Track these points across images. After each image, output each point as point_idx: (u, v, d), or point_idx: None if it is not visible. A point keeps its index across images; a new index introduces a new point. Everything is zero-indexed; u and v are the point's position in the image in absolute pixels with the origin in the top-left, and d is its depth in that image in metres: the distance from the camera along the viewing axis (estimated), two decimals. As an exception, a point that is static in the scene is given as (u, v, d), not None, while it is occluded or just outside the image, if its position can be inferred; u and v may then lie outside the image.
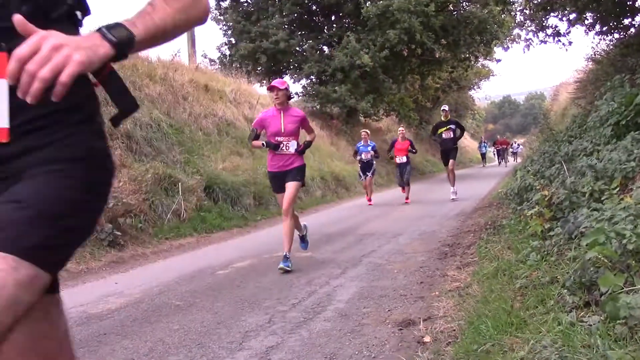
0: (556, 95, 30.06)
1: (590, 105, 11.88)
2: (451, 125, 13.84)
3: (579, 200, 5.02)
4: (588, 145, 7.37)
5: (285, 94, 6.47)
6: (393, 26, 21.47)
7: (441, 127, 13.88)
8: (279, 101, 6.43)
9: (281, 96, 6.42)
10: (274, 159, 6.52)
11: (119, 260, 7.48)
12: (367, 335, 3.82)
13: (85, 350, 3.82)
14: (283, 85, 6.48)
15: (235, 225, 10.38)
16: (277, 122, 6.46)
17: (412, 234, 8.52)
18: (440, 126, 13.95)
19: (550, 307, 3.37)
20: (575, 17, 13.63)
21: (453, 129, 13.79)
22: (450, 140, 13.80)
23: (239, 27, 23.52)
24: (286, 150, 6.45)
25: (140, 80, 12.26)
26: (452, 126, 13.83)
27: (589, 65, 17.81)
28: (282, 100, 6.44)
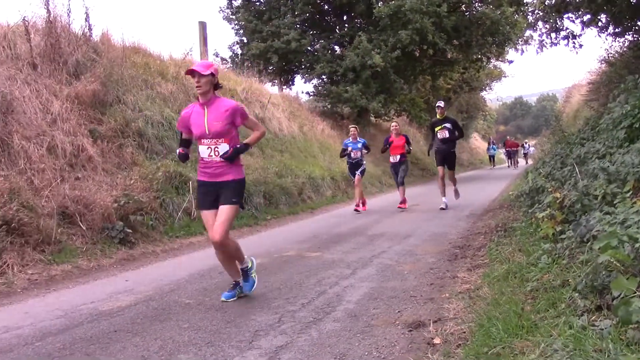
0: (568, 97, 29.88)
1: (603, 108, 11.80)
2: (447, 124, 12.12)
3: (591, 203, 4.99)
4: (601, 147, 7.32)
5: (209, 81, 4.87)
6: (405, 26, 21.41)
7: (437, 125, 12.27)
8: (201, 91, 4.84)
9: (204, 84, 4.84)
10: (202, 163, 5.02)
11: (130, 257, 7.52)
12: (376, 336, 3.81)
13: (96, 347, 3.84)
14: (207, 70, 4.88)
15: (245, 224, 10.40)
16: (200, 120, 4.91)
17: (422, 235, 8.50)
18: (436, 124, 12.32)
19: (561, 310, 3.35)
20: (589, 18, 13.55)
21: (449, 128, 12.11)
22: (447, 142, 12.14)
23: (250, 27, 23.54)
24: (215, 156, 4.91)
25: (152, 79, 12.30)
26: (447, 125, 12.12)
27: (602, 67, 17.70)
28: (204, 90, 4.85)
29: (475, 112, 47.34)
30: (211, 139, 4.86)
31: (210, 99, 4.90)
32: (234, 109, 4.91)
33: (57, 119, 8.73)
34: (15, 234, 6.57)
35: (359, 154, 12.66)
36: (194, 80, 4.90)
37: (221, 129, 4.83)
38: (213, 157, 4.88)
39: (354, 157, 12.69)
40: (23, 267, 6.36)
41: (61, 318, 4.68)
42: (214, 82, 4.95)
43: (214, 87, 4.97)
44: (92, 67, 10.28)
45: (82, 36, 10.72)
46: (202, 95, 4.87)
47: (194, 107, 5.04)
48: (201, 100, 4.91)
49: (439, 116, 12.18)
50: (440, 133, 12.09)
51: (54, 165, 8.07)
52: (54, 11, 9.96)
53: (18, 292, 5.79)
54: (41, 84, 9.09)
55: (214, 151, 4.88)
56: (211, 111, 4.87)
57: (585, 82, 20.79)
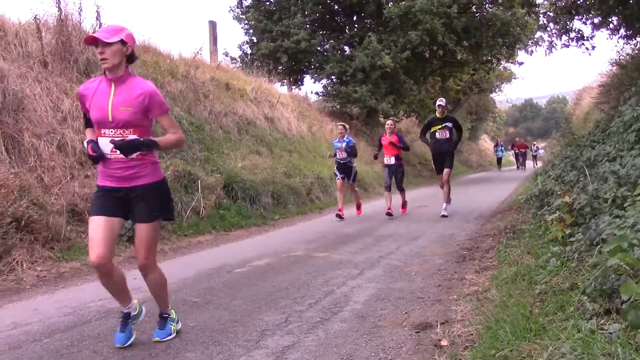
0: (579, 99, 29.78)
1: (613, 110, 11.74)
2: (447, 123, 11.21)
3: (601, 206, 4.96)
4: (611, 150, 7.28)
5: (118, 52, 3.57)
6: (415, 27, 21.38)
7: (435, 124, 11.31)
8: (107, 65, 3.56)
9: (110, 56, 3.55)
10: (104, 164, 3.76)
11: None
12: (383, 337, 3.81)
13: (104, 345, 3.86)
14: (113, 36, 3.55)
15: (254, 223, 10.41)
16: (103, 101, 3.64)
17: (430, 236, 8.48)
18: (434, 123, 11.35)
19: (570, 313, 3.34)
20: (600, 21, 13.49)
21: (450, 127, 11.23)
22: (446, 142, 11.25)
23: (260, 26, 23.58)
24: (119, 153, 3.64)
25: (162, 78, 12.34)
26: (448, 124, 11.22)
27: (613, 70, 17.62)
28: (112, 64, 3.57)
29: (485, 113, 47.20)
30: (115, 129, 3.64)
31: (121, 77, 3.64)
32: (151, 94, 3.66)
33: (67, 117, 8.78)
34: (25, 230, 6.61)
35: (343, 154, 11.42)
36: (97, 52, 3.61)
37: (129, 118, 3.63)
38: (118, 154, 3.65)
39: (340, 158, 11.55)
40: (32, 264, 6.39)
41: (69, 315, 4.70)
42: (126, 53, 3.63)
43: (128, 59, 3.66)
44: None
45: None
46: (110, 71, 3.60)
47: (99, 83, 3.71)
48: (109, 75, 3.64)
49: (438, 115, 11.26)
50: (440, 133, 11.23)
51: (63, 163, 8.11)
52: (66, 9, 10.01)
53: (27, 288, 5.82)
54: (52, 82, 9.13)
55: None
56: (119, 92, 3.63)
57: (596, 84, 20.71)
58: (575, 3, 13.11)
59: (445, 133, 11.20)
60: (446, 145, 11.26)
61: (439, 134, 11.24)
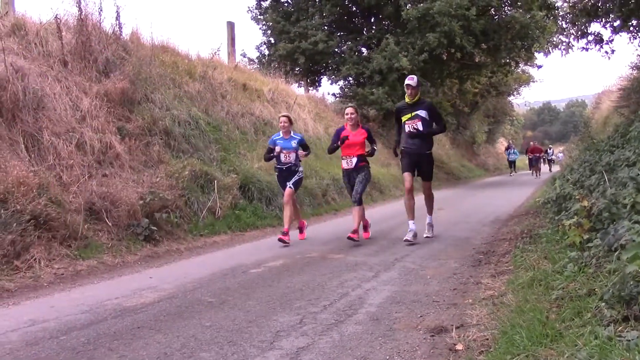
0: (598, 103, 29.49)
1: (633, 115, 11.63)
2: (420, 111, 8.12)
3: (620, 212, 4.90)
4: (631, 155, 7.19)
5: None
6: (433, 29, 21.30)
7: (404, 112, 8.27)
8: None
9: None
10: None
11: (154, 255, 7.59)
12: (398, 341, 3.79)
13: (120, 343, 3.89)
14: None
15: (269, 224, 10.43)
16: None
17: (446, 239, 8.44)
18: (403, 112, 8.29)
19: (587, 320, 3.30)
20: (620, 24, 13.36)
21: (423, 117, 8.11)
22: (420, 140, 8.20)
23: (278, 27, 23.63)
24: None
25: (180, 78, 12.41)
26: (421, 112, 8.12)
27: (633, 73, 17.43)
28: None
29: (503, 116, 46.95)
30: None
31: None
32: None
33: (86, 116, 8.86)
34: (43, 228, 6.68)
35: (292, 155, 8.73)
36: None
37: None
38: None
39: (285, 160, 8.72)
40: (50, 262, 6.46)
41: (86, 313, 4.74)
42: None
43: None
44: (122, 66, 10.40)
45: (112, 34, 10.86)
46: None
47: None
48: None
49: (407, 99, 8.18)
50: (409, 124, 8.18)
51: (82, 161, 8.18)
52: (86, 9, 10.11)
53: (44, 286, 5.88)
54: (71, 81, 9.22)
55: None
56: None
57: (616, 88, 20.50)
58: (595, 6, 12.99)
59: (416, 124, 8.14)
60: (420, 144, 8.25)
61: (408, 125, 8.19)
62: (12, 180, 6.66)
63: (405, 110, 8.26)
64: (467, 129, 38.07)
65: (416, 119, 8.12)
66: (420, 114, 8.12)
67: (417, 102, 8.18)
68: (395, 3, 22.93)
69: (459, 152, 34.38)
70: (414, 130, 8.15)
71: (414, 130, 8.15)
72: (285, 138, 8.81)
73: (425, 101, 8.41)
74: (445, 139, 32.59)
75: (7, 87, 7.79)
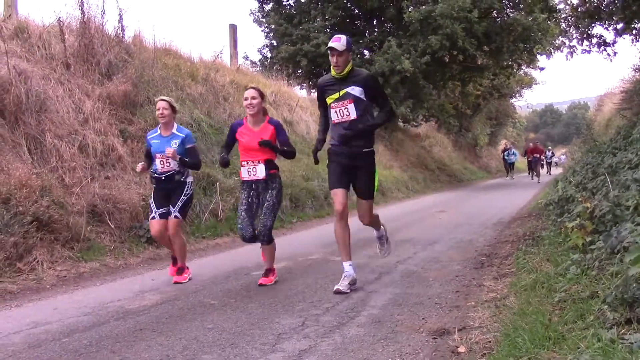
0: (600, 105, 29.42)
1: (636, 117, 11.61)
2: (352, 89, 5.44)
3: (623, 214, 4.89)
4: (633, 157, 7.19)
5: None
6: (435, 32, 21.28)
7: (329, 91, 5.58)
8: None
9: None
10: None
11: (156, 257, 7.60)
12: (400, 343, 3.79)
13: (122, 345, 3.89)
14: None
15: (271, 226, 10.41)
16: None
17: (448, 242, 8.43)
18: (328, 90, 5.60)
19: (589, 322, 3.30)
20: (623, 26, 13.34)
21: (358, 98, 5.45)
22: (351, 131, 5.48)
23: (280, 30, 23.63)
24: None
25: (182, 80, 12.42)
26: (354, 91, 5.44)
27: (636, 75, 17.40)
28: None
29: (505, 119, 46.89)
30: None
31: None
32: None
33: (88, 119, 8.87)
34: (46, 230, 6.69)
35: (167, 164, 6.05)
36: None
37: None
38: None
39: (162, 169, 6.08)
40: (52, 264, 6.47)
41: (88, 315, 4.74)
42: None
43: None
44: (124, 68, 10.42)
45: (115, 37, 10.88)
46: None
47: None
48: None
49: (334, 72, 5.50)
50: (337, 110, 5.50)
51: (84, 164, 8.20)
52: (89, 12, 10.13)
53: (47, 288, 5.89)
54: (74, 83, 9.24)
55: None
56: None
57: (618, 90, 20.45)
58: (598, 8, 12.98)
59: (349, 110, 5.44)
60: (354, 139, 5.52)
61: (335, 112, 5.51)
62: (15, 182, 6.68)
63: (330, 87, 5.55)
64: (469, 131, 38.05)
65: (346, 99, 5.41)
66: (352, 92, 5.41)
67: (349, 75, 5.46)
68: (398, 5, 22.92)
69: (461, 155, 34.35)
70: (343, 118, 5.46)
71: (344, 117, 5.45)
72: (164, 136, 6.13)
73: (361, 73, 5.58)
74: (448, 141, 32.56)
75: (10, 90, 7.81)
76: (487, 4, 21.67)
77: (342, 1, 23.01)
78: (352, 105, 5.44)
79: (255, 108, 5.76)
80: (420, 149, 27.23)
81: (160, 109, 6.06)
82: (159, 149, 6.04)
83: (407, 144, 25.83)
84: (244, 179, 5.88)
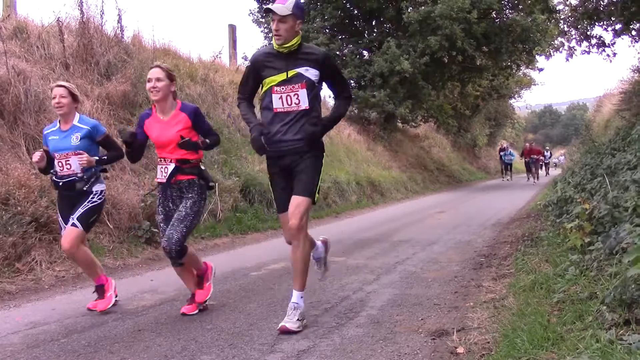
0: (599, 106, 29.42)
1: (635, 118, 11.62)
2: (303, 69, 4.21)
3: (622, 215, 4.90)
4: (632, 158, 7.20)
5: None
6: (434, 32, 21.29)
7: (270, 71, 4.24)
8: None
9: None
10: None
11: (155, 257, 7.58)
12: (399, 344, 3.79)
13: (120, 346, 3.88)
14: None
15: (270, 227, 10.42)
16: None
17: (447, 242, 8.43)
18: (267, 69, 4.26)
19: (588, 323, 3.30)
20: (621, 27, 13.36)
21: (310, 82, 4.21)
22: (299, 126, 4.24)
23: (279, 30, 23.61)
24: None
25: (181, 81, 12.40)
26: (305, 71, 4.20)
27: (634, 76, 17.42)
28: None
29: (504, 119, 46.88)
30: None
31: None
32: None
33: (87, 119, 8.86)
34: (44, 230, 6.68)
35: (72, 162, 4.87)
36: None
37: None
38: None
39: (61, 172, 4.92)
40: (51, 264, 6.46)
41: (87, 315, 4.74)
42: None
43: None
44: (123, 68, 10.42)
45: (114, 37, 10.88)
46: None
47: None
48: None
49: (276, 45, 4.21)
50: (283, 96, 4.23)
51: (83, 164, 8.18)
52: (88, 12, 10.13)
53: (45, 288, 5.89)
54: (73, 83, 9.18)
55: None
56: None
57: (617, 91, 20.47)
58: (597, 9, 13.00)
59: (297, 99, 4.23)
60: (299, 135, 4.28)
61: (281, 100, 4.25)
62: (14, 182, 6.67)
63: (272, 64, 4.24)
64: (468, 132, 38.03)
65: (298, 83, 4.17)
66: (306, 73, 4.19)
67: (299, 52, 4.22)
68: (397, 6, 22.94)
69: (460, 155, 34.34)
70: (291, 107, 4.20)
71: (291, 106, 4.19)
72: (64, 130, 4.94)
73: (315, 50, 4.35)
74: (447, 141, 32.54)
75: (9, 90, 7.80)
76: (486, 4, 21.69)
77: (341, 2, 23.00)
78: (304, 92, 4.18)
79: (161, 93, 4.57)
80: (419, 150, 27.23)
81: (57, 96, 4.87)
82: (58, 147, 4.87)
83: (406, 145, 25.82)
84: (158, 181, 4.75)
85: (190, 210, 4.63)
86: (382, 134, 23.75)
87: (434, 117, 28.27)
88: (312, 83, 4.22)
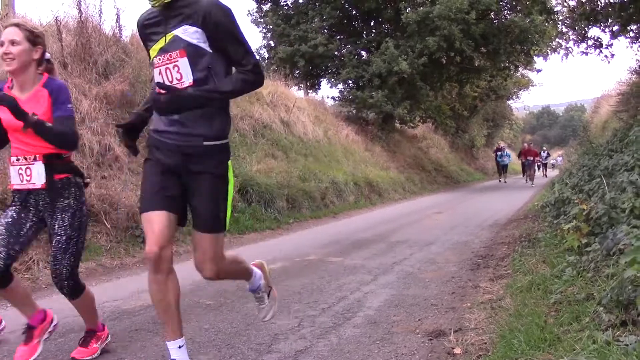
0: (597, 107, 29.50)
1: (632, 119, 11.64)
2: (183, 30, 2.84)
3: (619, 216, 4.91)
4: (629, 160, 7.20)
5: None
6: (432, 33, 21.32)
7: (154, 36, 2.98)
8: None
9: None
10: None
11: (153, 257, 7.56)
12: (396, 344, 3.79)
13: (117, 345, 3.88)
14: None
15: (268, 227, 10.42)
16: None
17: (444, 243, 8.44)
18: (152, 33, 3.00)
19: (585, 324, 3.30)
20: (619, 28, 13.40)
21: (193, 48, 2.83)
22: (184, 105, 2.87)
23: (278, 30, 23.65)
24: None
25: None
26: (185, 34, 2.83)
27: (632, 78, 17.46)
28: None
29: (502, 120, 46.96)
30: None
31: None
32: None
33: (85, 118, 8.85)
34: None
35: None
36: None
37: None
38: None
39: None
40: (48, 263, 6.43)
41: (84, 315, 4.72)
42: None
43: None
44: (121, 68, 10.41)
45: (112, 37, 10.87)
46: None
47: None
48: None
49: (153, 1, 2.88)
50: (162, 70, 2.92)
51: (81, 163, 8.17)
52: (86, 12, 10.13)
53: (42, 287, 5.87)
54: (71, 83, 9.21)
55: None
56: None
57: (615, 92, 20.53)
58: (594, 11, 13.02)
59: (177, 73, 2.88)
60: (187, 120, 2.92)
61: (160, 75, 2.94)
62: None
63: (154, 27, 3.02)
64: (466, 133, 38.07)
65: (174, 51, 2.89)
66: (183, 35, 2.88)
67: (178, 3, 2.90)
68: (395, 7, 22.97)
69: (458, 156, 34.38)
70: (172, 84, 2.93)
71: (172, 83, 2.93)
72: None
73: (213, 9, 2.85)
74: (444, 142, 32.56)
75: (6, 89, 7.79)
76: (485, 5, 21.73)
77: (339, 2, 23.02)
78: (185, 62, 2.88)
79: (16, 61, 3.28)
80: (417, 150, 27.25)
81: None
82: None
83: (403, 145, 25.84)
84: (14, 187, 3.50)
85: (71, 230, 3.37)
86: (380, 135, 23.77)
87: (432, 118, 28.30)
88: (195, 49, 2.86)
